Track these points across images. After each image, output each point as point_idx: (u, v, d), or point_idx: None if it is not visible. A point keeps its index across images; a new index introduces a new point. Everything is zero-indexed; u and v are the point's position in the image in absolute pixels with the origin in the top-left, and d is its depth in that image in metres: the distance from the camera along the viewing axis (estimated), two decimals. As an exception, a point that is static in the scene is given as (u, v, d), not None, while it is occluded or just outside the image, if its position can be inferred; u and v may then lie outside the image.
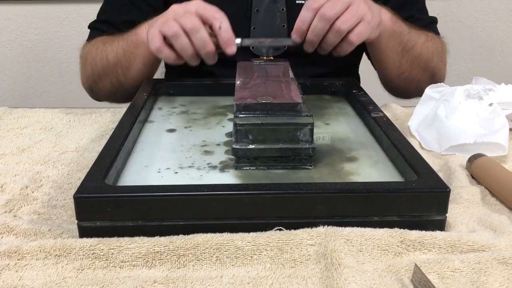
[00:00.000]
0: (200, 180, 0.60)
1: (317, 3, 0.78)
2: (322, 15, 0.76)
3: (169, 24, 0.76)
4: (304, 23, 0.78)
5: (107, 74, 0.96)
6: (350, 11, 0.77)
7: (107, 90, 0.99)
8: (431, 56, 0.98)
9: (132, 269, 0.49)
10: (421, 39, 0.96)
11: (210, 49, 0.77)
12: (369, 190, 0.53)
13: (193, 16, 0.76)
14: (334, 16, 0.76)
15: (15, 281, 0.47)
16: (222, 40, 0.77)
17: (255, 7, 0.96)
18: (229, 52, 0.77)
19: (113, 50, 0.94)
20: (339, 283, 0.45)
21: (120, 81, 0.96)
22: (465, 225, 0.56)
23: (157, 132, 0.74)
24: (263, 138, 0.60)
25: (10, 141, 0.77)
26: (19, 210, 0.59)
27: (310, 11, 0.78)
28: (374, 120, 0.71)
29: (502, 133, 0.71)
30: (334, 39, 0.78)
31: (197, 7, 0.77)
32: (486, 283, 0.46)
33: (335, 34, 0.78)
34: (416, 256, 0.50)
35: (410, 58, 0.95)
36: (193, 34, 0.76)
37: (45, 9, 1.77)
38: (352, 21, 0.77)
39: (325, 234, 0.51)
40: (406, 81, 0.98)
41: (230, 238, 0.50)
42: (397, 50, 0.93)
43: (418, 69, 0.97)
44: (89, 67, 0.99)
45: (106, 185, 0.53)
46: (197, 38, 0.76)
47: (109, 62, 0.94)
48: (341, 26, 0.77)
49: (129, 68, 0.93)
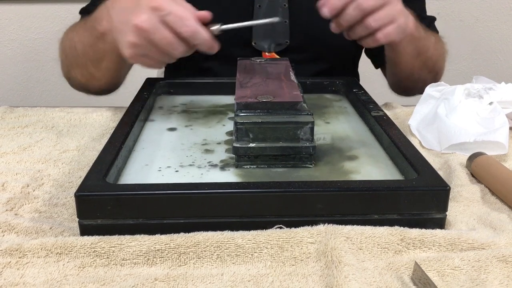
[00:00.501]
0: (201, 178, 0.60)
1: None
2: (358, 4, 0.75)
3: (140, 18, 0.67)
4: (340, 0, 0.75)
5: (78, 64, 0.90)
6: (385, 9, 0.76)
7: (79, 80, 0.93)
8: (437, 58, 0.99)
9: (133, 267, 0.49)
10: (432, 42, 0.96)
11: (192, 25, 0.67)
12: (369, 189, 0.53)
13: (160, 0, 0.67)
14: (370, 8, 0.75)
15: (17, 279, 0.47)
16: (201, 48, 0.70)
17: (257, 3, 0.97)
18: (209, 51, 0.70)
19: (80, 40, 0.87)
20: (339, 280, 0.45)
21: (91, 73, 0.89)
22: (465, 223, 0.56)
23: (158, 131, 0.74)
24: (264, 136, 0.61)
25: (11, 140, 0.78)
26: (20, 208, 0.59)
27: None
28: (375, 119, 0.71)
29: (502, 131, 0.71)
30: (361, 33, 0.78)
31: None
32: (486, 281, 0.47)
33: (363, 29, 0.77)
34: (416, 254, 0.50)
35: (422, 61, 0.95)
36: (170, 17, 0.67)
37: (45, 9, 1.77)
38: (385, 20, 0.76)
39: (326, 232, 0.51)
40: (414, 82, 0.98)
41: (230, 236, 0.50)
42: (413, 54, 0.93)
43: (426, 71, 0.98)
44: (63, 55, 0.94)
45: (107, 183, 0.54)
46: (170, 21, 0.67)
47: (78, 53, 0.88)
48: (372, 23, 0.76)
49: (98, 61, 0.86)
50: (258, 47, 0.98)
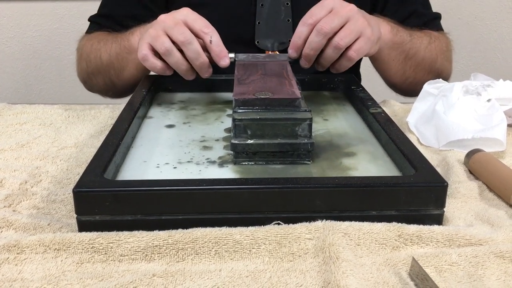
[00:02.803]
0: (199, 175, 0.60)
1: (313, 18, 0.75)
2: (319, 29, 0.74)
3: (161, 40, 0.74)
4: (300, 38, 0.75)
5: (100, 72, 0.96)
6: (348, 26, 0.75)
7: (100, 86, 1.00)
8: (435, 58, 0.98)
9: (131, 263, 0.49)
10: (424, 43, 0.95)
11: (204, 60, 0.75)
12: (367, 185, 0.53)
13: (183, 28, 0.74)
14: (331, 31, 0.74)
15: (15, 274, 0.47)
16: (214, 53, 0.75)
17: (259, 2, 0.96)
18: (222, 65, 0.75)
19: (107, 50, 0.93)
20: (337, 276, 0.45)
21: (113, 81, 0.96)
22: (463, 219, 0.56)
23: (156, 127, 0.74)
24: (262, 133, 0.61)
25: (10, 137, 0.78)
26: (18, 205, 0.59)
27: (306, 26, 0.75)
28: (373, 116, 0.71)
29: (500, 128, 0.71)
30: (333, 55, 0.76)
31: (186, 18, 0.75)
32: (483, 276, 0.47)
33: (334, 50, 0.75)
34: (413, 250, 0.50)
35: (413, 64, 0.95)
36: (185, 46, 0.74)
37: (44, 6, 1.77)
38: (351, 36, 0.75)
39: (323, 228, 0.51)
40: (412, 85, 0.98)
41: (228, 232, 0.50)
42: (399, 59, 0.92)
43: (422, 73, 0.97)
44: (83, 62, 0.99)
45: (105, 180, 0.54)
46: (190, 50, 0.74)
47: (103, 62, 0.94)
48: (339, 42, 0.74)
49: (121, 71, 0.93)
50: (261, 46, 0.98)
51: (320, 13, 0.75)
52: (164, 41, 0.74)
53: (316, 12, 0.75)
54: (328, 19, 0.74)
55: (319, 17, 0.75)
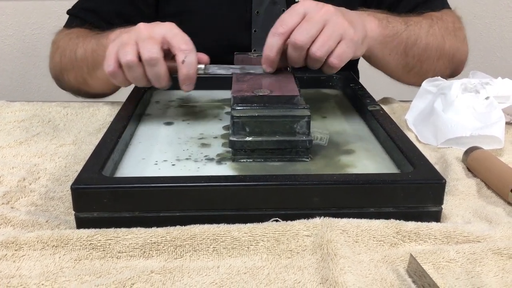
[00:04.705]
0: (197, 172, 0.60)
1: (283, 26, 0.67)
2: (293, 44, 0.66)
3: (126, 50, 0.68)
4: (272, 51, 0.68)
5: (73, 68, 0.90)
6: (325, 32, 0.67)
7: (71, 83, 0.94)
8: (441, 41, 0.89)
9: (129, 260, 0.49)
10: (424, 28, 0.88)
11: (164, 85, 0.70)
12: (366, 182, 0.53)
13: (154, 44, 0.67)
14: (307, 41, 0.66)
15: (13, 271, 0.47)
16: (181, 75, 0.68)
17: (255, 9, 0.95)
18: (184, 90, 0.70)
19: (83, 46, 0.88)
20: (335, 273, 0.45)
21: (85, 79, 0.90)
22: (461, 216, 0.56)
23: (155, 125, 0.74)
24: (260, 130, 0.61)
25: (8, 134, 0.78)
26: (16, 202, 0.59)
27: (277, 37, 0.67)
28: (371, 113, 0.71)
29: (498, 126, 0.71)
30: (315, 65, 0.69)
31: (165, 33, 0.68)
32: (481, 273, 0.47)
33: (312, 61, 0.68)
34: (411, 247, 0.50)
35: (417, 53, 0.87)
36: (148, 66, 0.68)
37: (43, 5, 1.77)
38: (330, 43, 0.67)
39: (322, 225, 0.51)
40: (419, 75, 0.90)
41: (227, 229, 0.50)
42: (398, 51, 0.86)
43: (430, 60, 0.89)
44: (57, 56, 0.94)
45: (103, 176, 0.54)
46: (151, 71, 0.68)
47: (77, 57, 0.88)
48: (316, 53, 0.66)
49: (94, 68, 0.86)
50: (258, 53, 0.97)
51: (292, 20, 0.67)
52: (128, 51, 0.67)
53: (287, 20, 0.68)
54: (301, 29, 0.67)
55: (291, 25, 0.67)
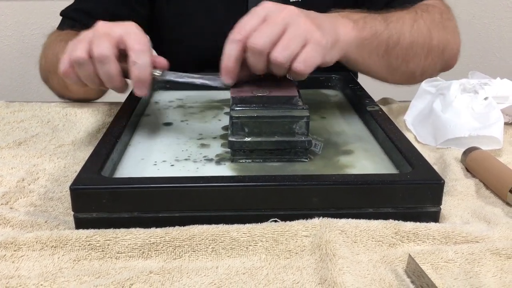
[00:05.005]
0: (196, 172, 0.60)
1: (241, 32, 0.62)
2: (251, 48, 0.61)
3: (77, 47, 0.64)
4: (230, 59, 0.62)
5: (55, 72, 0.83)
6: (287, 35, 0.61)
7: (55, 88, 0.92)
8: (427, 36, 0.83)
9: (128, 260, 0.49)
10: (407, 24, 0.81)
11: (117, 84, 0.65)
12: (364, 182, 0.53)
13: (106, 42, 0.63)
14: (266, 45, 0.60)
15: (12, 271, 0.47)
16: (132, 77, 0.64)
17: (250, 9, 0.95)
18: (137, 94, 0.65)
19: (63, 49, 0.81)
20: (334, 273, 0.45)
21: (65, 83, 0.84)
22: (459, 217, 0.56)
23: (154, 125, 0.74)
24: (259, 131, 0.61)
25: (7, 135, 0.78)
26: (15, 202, 0.59)
27: (235, 44, 0.62)
28: (370, 114, 0.71)
29: (497, 126, 0.71)
30: (279, 71, 0.63)
31: (122, 32, 0.64)
32: (479, 273, 0.47)
33: (276, 67, 0.62)
34: (410, 247, 0.50)
35: (400, 53, 0.80)
36: (98, 64, 0.63)
37: (42, 5, 1.77)
38: (292, 47, 0.61)
39: (320, 225, 0.51)
40: (405, 74, 0.85)
41: (225, 229, 0.51)
42: (379, 53, 0.78)
43: (417, 59, 0.83)
44: (43, 60, 0.92)
45: (102, 177, 0.54)
46: (101, 69, 0.64)
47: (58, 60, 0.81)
48: (277, 58, 0.60)
49: None
50: None
51: (250, 24, 0.62)
52: (78, 48, 0.64)
53: (246, 24, 0.62)
54: (259, 32, 0.61)
55: (249, 29, 0.61)
